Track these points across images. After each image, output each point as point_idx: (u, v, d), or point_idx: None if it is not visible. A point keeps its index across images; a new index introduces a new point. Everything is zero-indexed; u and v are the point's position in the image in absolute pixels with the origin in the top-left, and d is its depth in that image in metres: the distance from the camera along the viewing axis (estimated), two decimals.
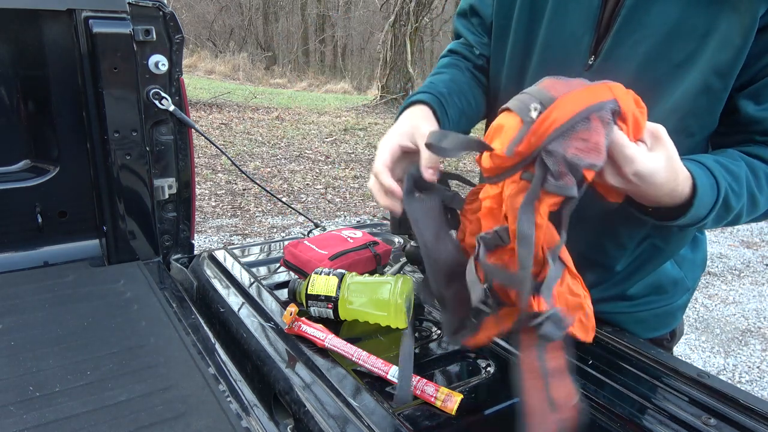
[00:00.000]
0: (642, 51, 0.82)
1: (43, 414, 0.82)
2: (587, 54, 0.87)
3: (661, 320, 1.08)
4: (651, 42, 0.81)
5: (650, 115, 0.83)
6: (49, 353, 0.98)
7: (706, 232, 1.15)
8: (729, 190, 0.76)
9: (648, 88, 0.82)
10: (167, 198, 1.48)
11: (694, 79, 0.81)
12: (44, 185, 1.40)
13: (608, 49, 0.85)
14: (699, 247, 1.09)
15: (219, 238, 4.30)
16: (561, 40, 0.89)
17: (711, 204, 0.75)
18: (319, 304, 1.03)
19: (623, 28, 0.83)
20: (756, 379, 2.96)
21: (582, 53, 0.87)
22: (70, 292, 1.23)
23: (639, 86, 0.83)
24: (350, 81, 16.69)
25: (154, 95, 1.37)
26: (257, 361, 0.95)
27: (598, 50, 0.86)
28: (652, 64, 0.82)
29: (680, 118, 0.83)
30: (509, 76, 0.99)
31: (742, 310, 3.72)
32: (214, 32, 20.41)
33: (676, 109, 0.83)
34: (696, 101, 0.82)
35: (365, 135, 8.59)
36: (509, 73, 0.99)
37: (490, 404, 0.83)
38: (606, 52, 0.85)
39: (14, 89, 1.36)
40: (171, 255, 1.54)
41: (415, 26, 11.68)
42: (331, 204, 5.34)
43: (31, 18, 1.28)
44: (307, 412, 0.80)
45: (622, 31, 0.83)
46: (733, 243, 4.97)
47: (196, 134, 1.53)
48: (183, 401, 0.86)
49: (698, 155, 0.79)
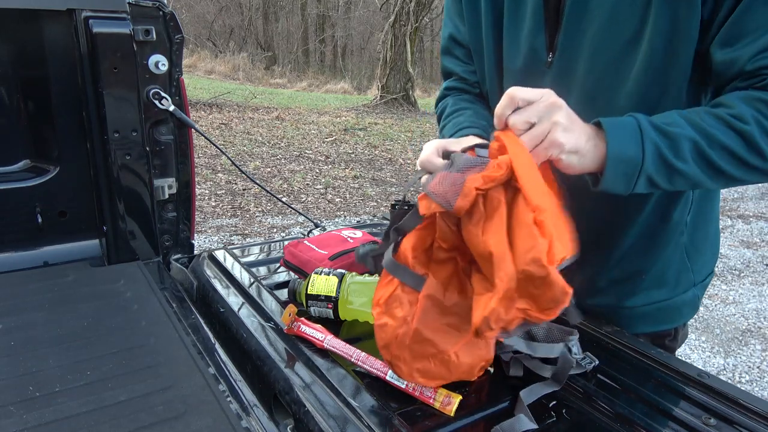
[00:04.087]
0: (591, 36, 0.86)
1: (43, 414, 0.82)
2: (545, 52, 0.93)
3: (664, 314, 1.07)
4: (597, 25, 0.85)
5: (614, 96, 0.88)
6: (49, 353, 0.98)
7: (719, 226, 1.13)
8: (655, 122, 0.76)
9: (605, 71, 0.87)
10: (167, 198, 1.48)
11: (645, 51, 0.82)
12: (44, 185, 1.40)
13: (562, 42, 0.90)
14: (710, 239, 1.08)
15: (219, 238, 4.30)
16: (518, 46, 0.96)
17: (634, 136, 0.75)
18: (319, 304, 1.03)
19: (570, 19, 0.87)
20: (756, 379, 2.96)
21: (540, 53, 0.93)
22: (70, 292, 1.23)
23: (596, 71, 0.88)
24: (350, 81, 16.69)
25: (154, 95, 1.37)
26: (257, 361, 0.95)
27: (554, 46, 0.91)
28: (603, 47, 0.86)
29: (642, 92, 0.85)
30: (491, 93, 1.05)
31: (742, 310, 3.72)
32: (214, 32, 20.41)
33: (636, 84, 0.85)
34: (651, 70, 0.83)
35: (365, 135, 8.59)
36: (491, 90, 1.05)
37: (490, 405, 0.83)
38: (561, 45, 0.90)
39: (14, 89, 1.36)
40: (171, 255, 1.54)
41: (415, 26, 11.69)
42: (331, 204, 5.34)
43: (31, 18, 1.28)
44: (307, 412, 0.80)
45: (569, 22, 0.88)
46: (733, 243, 4.97)
47: (196, 134, 1.53)
48: (183, 401, 0.86)
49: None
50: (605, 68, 0.87)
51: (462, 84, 1.13)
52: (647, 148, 0.75)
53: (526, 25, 0.93)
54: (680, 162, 0.76)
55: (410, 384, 0.81)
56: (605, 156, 0.75)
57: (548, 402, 0.82)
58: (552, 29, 0.91)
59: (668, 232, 0.99)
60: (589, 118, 0.91)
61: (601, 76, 0.88)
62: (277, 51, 21.30)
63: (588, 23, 0.86)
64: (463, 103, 1.10)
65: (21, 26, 1.29)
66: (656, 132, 0.75)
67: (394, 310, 0.78)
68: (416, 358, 0.78)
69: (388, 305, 0.79)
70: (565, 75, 0.91)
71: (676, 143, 0.75)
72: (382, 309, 0.79)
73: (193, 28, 19.00)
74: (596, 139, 0.76)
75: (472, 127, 1.00)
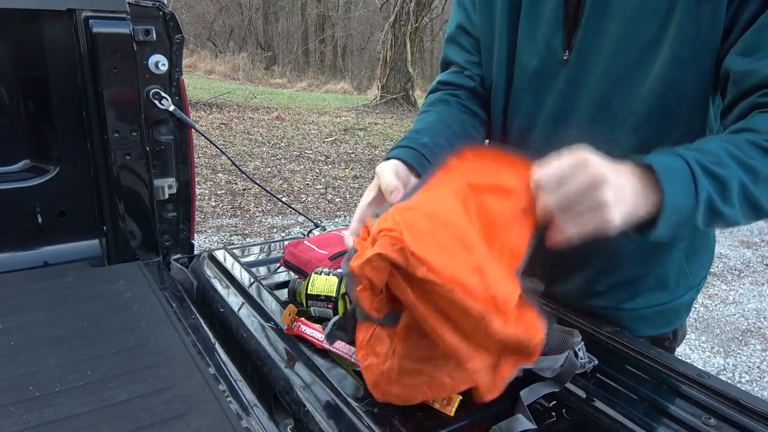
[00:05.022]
0: (610, 38, 0.85)
1: (43, 414, 0.82)
2: (561, 51, 0.91)
3: (664, 317, 1.07)
4: (618, 27, 0.84)
5: (630, 101, 0.87)
6: (49, 353, 0.98)
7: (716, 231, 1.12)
8: (704, 164, 0.69)
9: (622, 73, 0.86)
10: (167, 198, 1.48)
11: (664, 56, 0.82)
12: (44, 185, 1.40)
13: (579, 41, 0.88)
14: (708, 245, 1.08)
15: (219, 238, 4.30)
16: (535, 43, 0.94)
17: (688, 186, 0.67)
18: (319, 304, 1.03)
19: (590, 19, 0.86)
20: (756, 379, 2.96)
21: (555, 51, 0.92)
22: (70, 292, 1.23)
23: (613, 73, 0.87)
24: (350, 81, 16.69)
25: (154, 95, 1.37)
26: (257, 361, 0.95)
27: (570, 45, 0.90)
28: (622, 49, 0.85)
29: (658, 97, 0.84)
30: (498, 91, 1.03)
31: (742, 310, 3.72)
32: (214, 32, 20.41)
33: (653, 89, 0.84)
34: (670, 76, 0.82)
35: (365, 135, 8.59)
36: (497, 88, 1.03)
37: (490, 405, 0.83)
38: (578, 45, 0.89)
39: (14, 89, 1.36)
40: (171, 255, 1.54)
41: (415, 26, 11.69)
42: (331, 204, 5.34)
43: (31, 18, 1.28)
44: (307, 412, 0.80)
45: (589, 21, 0.86)
46: (733, 243, 4.97)
47: (196, 134, 1.53)
48: (183, 401, 0.86)
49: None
50: (623, 71, 0.85)
51: (458, 77, 1.07)
52: (701, 198, 0.68)
53: (544, 21, 0.92)
54: (728, 207, 0.71)
55: None
56: (658, 209, 0.67)
57: (548, 402, 0.82)
58: (570, 28, 0.89)
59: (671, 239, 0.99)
60: (602, 121, 0.90)
61: (618, 79, 0.86)
62: (277, 51, 21.30)
63: (608, 24, 0.85)
64: (437, 105, 1.05)
65: (21, 26, 1.29)
66: (708, 178, 0.68)
67: (376, 348, 0.75)
68: (408, 390, 0.75)
69: (370, 345, 0.75)
70: (580, 75, 0.90)
71: (726, 189, 0.69)
72: (364, 350, 0.76)
73: (193, 28, 19.00)
74: (646, 190, 0.67)
75: (407, 146, 0.92)
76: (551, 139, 0.97)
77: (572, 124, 0.94)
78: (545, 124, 0.97)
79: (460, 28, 1.07)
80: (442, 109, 1.04)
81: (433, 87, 1.12)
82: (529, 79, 0.97)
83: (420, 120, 1.03)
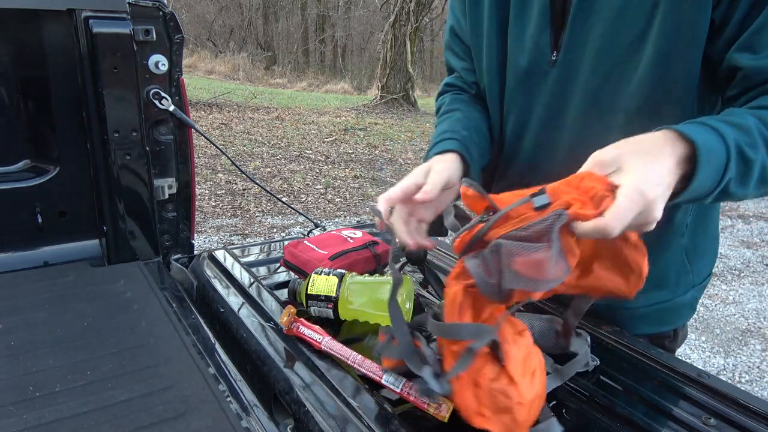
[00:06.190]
0: (597, 35, 0.86)
1: (43, 414, 0.82)
2: (549, 50, 0.92)
3: (664, 316, 1.06)
4: (603, 25, 0.85)
5: (619, 98, 0.87)
6: (49, 353, 0.98)
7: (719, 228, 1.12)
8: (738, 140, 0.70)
9: (609, 71, 0.87)
10: (167, 198, 1.48)
11: (650, 53, 0.82)
12: (44, 185, 1.40)
13: (567, 40, 0.89)
14: (710, 241, 1.08)
15: (219, 238, 4.30)
16: (523, 44, 0.95)
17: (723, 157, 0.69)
18: (319, 304, 1.03)
19: (577, 17, 0.87)
20: (756, 379, 2.96)
21: (544, 51, 0.92)
22: (70, 292, 1.23)
23: (600, 71, 0.87)
24: (350, 81, 16.70)
25: (154, 95, 1.37)
26: (257, 361, 0.95)
27: (558, 45, 0.91)
28: (608, 47, 0.85)
29: (646, 93, 0.85)
30: (492, 94, 1.03)
31: (742, 310, 3.72)
32: (214, 32, 20.41)
33: (641, 86, 0.84)
34: (656, 72, 0.82)
35: (365, 135, 8.59)
36: (491, 91, 1.03)
37: None
38: (566, 44, 0.89)
39: (14, 89, 1.36)
40: (171, 255, 1.54)
41: (415, 26, 11.69)
42: (331, 204, 5.34)
43: (31, 18, 1.28)
44: (307, 412, 0.80)
45: (576, 20, 0.87)
46: (733, 243, 4.97)
47: (196, 134, 1.53)
48: (183, 401, 0.86)
49: (694, 120, 0.75)
50: (610, 68, 0.86)
51: (460, 82, 1.12)
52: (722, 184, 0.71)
53: (532, 22, 0.93)
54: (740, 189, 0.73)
55: (405, 389, 0.81)
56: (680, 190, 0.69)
57: (548, 402, 0.82)
58: (557, 27, 0.90)
59: (669, 234, 0.98)
60: (592, 119, 0.91)
61: (606, 76, 0.87)
62: (277, 51, 21.30)
63: (594, 22, 0.85)
64: (457, 104, 1.08)
65: (21, 26, 1.29)
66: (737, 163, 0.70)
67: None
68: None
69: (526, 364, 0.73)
70: (569, 74, 0.91)
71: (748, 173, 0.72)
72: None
73: (193, 28, 19.00)
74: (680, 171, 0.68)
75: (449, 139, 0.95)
76: (544, 139, 0.98)
77: (564, 124, 0.95)
78: (538, 124, 0.98)
79: (453, 34, 1.10)
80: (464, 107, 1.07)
81: (442, 89, 1.16)
82: (520, 80, 0.98)
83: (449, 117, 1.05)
